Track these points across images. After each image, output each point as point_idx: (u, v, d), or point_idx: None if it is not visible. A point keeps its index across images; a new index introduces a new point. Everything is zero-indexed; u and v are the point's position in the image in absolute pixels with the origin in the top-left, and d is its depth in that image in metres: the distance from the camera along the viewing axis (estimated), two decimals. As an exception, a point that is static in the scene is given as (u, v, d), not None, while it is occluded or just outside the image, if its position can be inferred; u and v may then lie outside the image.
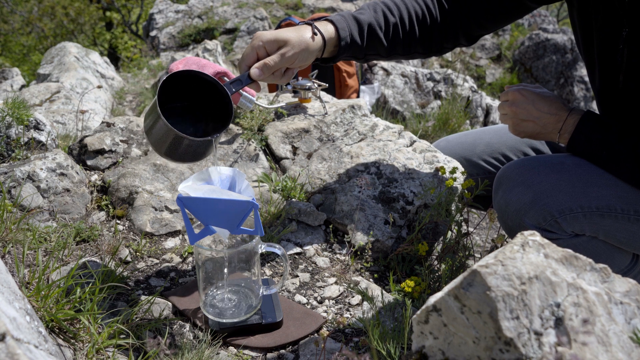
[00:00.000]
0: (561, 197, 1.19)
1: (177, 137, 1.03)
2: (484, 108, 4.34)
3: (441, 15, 1.35)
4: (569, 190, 1.19)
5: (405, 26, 1.33)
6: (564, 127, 1.27)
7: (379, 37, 1.30)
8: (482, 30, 1.39)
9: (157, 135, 1.06)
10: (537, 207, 1.19)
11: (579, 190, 1.19)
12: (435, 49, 1.39)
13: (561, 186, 1.20)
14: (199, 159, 1.12)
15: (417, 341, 0.76)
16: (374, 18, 1.30)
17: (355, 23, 1.28)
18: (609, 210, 1.20)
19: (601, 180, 1.21)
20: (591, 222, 1.21)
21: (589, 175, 1.22)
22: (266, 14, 5.48)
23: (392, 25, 1.31)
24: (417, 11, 1.34)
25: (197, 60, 1.75)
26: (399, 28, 1.32)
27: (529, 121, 1.30)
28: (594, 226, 1.21)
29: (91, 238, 1.32)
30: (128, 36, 13.45)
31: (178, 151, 1.07)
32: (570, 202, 1.18)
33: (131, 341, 0.97)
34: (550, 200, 1.19)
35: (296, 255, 1.35)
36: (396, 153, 1.59)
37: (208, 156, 1.12)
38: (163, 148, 1.07)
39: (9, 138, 1.59)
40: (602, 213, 1.20)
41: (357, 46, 1.28)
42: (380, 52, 1.33)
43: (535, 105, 1.29)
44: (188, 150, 1.07)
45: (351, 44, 1.26)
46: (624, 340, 0.66)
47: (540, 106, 1.29)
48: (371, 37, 1.29)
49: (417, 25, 1.34)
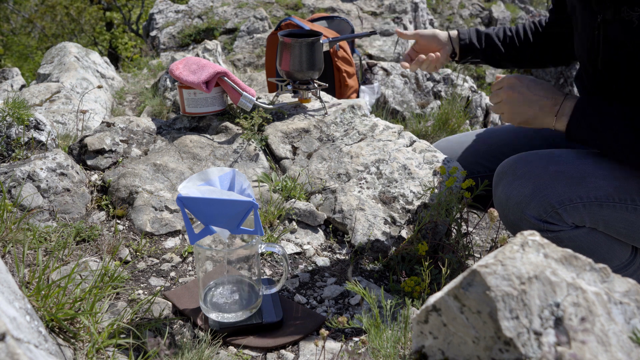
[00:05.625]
0: (561, 188, 1.21)
1: None
2: (484, 108, 4.34)
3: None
4: (568, 181, 1.22)
5: (520, 36, 1.62)
6: (560, 110, 1.25)
7: (496, 44, 1.62)
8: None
9: None
10: (537, 198, 1.20)
11: (578, 181, 1.21)
12: (550, 59, 1.64)
13: (560, 177, 1.22)
14: None
15: (417, 341, 0.76)
16: (492, 30, 1.66)
17: (475, 32, 1.64)
18: (607, 200, 1.22)
19: (598, 171, 1.23)
20: (591, 212, 1.22)
21: (586, 167, 1.24)
22: (266, 14, 5.48)
23: (509, 36, 1.62)
24: (532, 26, 1.64)
25: (197, 60, 1.75)
26: (514, 38, 1.62)
27: (525, 105, 1.29)
28: (593, 216, 1.23)
29: (91, 238, 1.32)
30: (128, 36, 13.45)
31: None
32: (570, 193, 1.20)
33: (131, 341, 0.97)
34: (550, 191, 1.20)
35: (296, 255, 1.35)
36: (396, 153, 1.59)
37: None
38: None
39: (9, 138, 1.59)
40: (600, 203, 1.22)
41: (476, 48, 1.61)
42: (501, 57, 1.64)
43: (531, 90, 1.28)
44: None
45: (470, 45, 1.61)
46: (624, 340, 0.66)
47: (536, 90, 1.28)
48: (488, 43, 1.62)
49: (531, 34, 1.62)
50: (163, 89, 3.97)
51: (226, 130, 1.69)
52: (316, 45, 1.70)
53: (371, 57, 4.96)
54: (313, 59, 1.70)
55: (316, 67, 1.72)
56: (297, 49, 1.68)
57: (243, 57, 4.97)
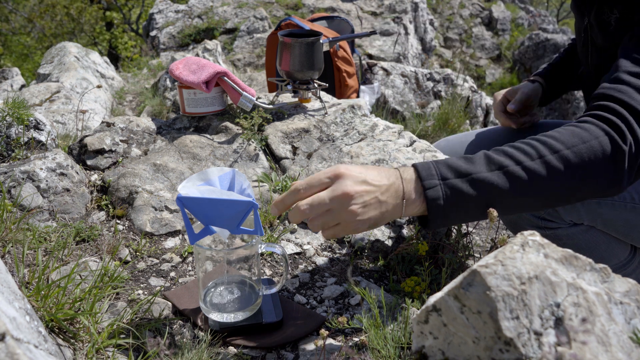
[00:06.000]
0: None
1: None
2: (484, 108, 4.35)
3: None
4: None
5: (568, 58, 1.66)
6: (405, 185, 0.96)
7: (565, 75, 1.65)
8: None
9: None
10: None
11: None
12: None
13: None
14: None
15: (417, 341, 0.76)
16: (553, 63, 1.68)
17: (549, 64, 1.68)
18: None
19: None
20: (589, 210, 1.22)
21: None
22: (266, 14, 5.48)
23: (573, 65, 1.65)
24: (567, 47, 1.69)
25: (197, 60, 1.75)
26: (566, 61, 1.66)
27: (367, 203, 0.94)
28: (591, 214, 1.23)
29: (91, 238, 1.32)
30: (128, 36, 13.46)
31: None
32: None
33: (131, 341, 0.97)
34: None
35: (296, 255, 1.35)
36: (396, 153, 1.59)
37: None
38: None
39: (9, 138, 1.59)
40: (598, 201, 1.22)
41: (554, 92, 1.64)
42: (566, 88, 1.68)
43: (367, 179, 0.95)
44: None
45: (549, 95, 1.63)
46: (624, 340, 0.66)
47: (371, 177, 0.95)
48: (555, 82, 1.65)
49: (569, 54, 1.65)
50: (163, 88, 3.97)
51: (226, 130, 1.69)
52: (316, 45, 1.70)
53: (371, 57, 4.96)
54: (313, 59, 1.70)
55: (316, 67, 1.72)
56: (297, 49, 1.68)
57: (243, 57, 4.97)
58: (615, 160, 0.97)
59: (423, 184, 0.95)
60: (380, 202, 0.94)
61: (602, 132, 0.98)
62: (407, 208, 0.96)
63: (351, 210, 0.92)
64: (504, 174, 0.96)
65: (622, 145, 0.97)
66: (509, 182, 0.96)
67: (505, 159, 0.98)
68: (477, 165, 0.97)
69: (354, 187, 0.92)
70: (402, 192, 0.95)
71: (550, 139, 1.00)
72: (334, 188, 0.92)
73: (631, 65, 1.05)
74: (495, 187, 0.95)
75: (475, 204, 0.96)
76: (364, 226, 0.95)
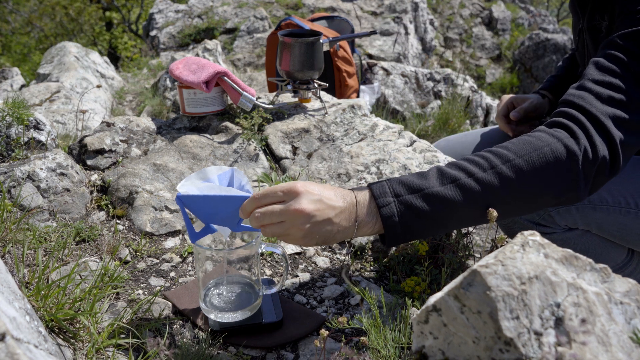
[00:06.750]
0: None
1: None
2: (484, 108, 4.34)
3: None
4: None
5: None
6: (358, 208, 0.97)
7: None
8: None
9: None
10: None
11: None
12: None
13: None
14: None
15: (417, 341, 0.76)
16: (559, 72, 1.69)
17: (552, 76, 1.68)
18: (600, 202, 1.21)
19: None
20: (583, 215, 1.22)
21: None
22: (266, 14, 5.48)
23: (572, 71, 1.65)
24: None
25: (197, 60, 1.75)
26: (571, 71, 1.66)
27: (319, 222, 0.95)
28: (586, 219, 1.22)
29: (91, 238, 1.32)
30: (128, 36, 13.46)
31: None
32: None
33: (131, 341, 0.97)
34: None
35: (296, 255, 1.35)
36: (396, 153, 1.59)
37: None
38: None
39: (9, 138, 1.59)
40: (593, 206, 1.21)
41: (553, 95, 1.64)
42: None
43: (322, 198, 0.96)
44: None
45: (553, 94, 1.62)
46: (624, 340, 0.66)
47: (327, 196, 0.96)
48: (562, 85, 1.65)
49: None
50: (163, 88, 3.97)
51: (226, 130, 1.69)
52: (316, 45, 1.70)
53: (371, 57, 4.96)
54: (313, 58, 1.70)
55: (316, 67, 1.72)
56: (297, 48, 1.68)
57: (243, 57, 4.97)
58: (569, 167, 0.98)
59: (377, 202, 0.97)
60: (333, 223, 0.95)
61: (554, 139, 0.99)
62: (359, 230, 0.98)
63: (301, 228, 0.94)
64: (456, 186, 0.97)
65: (576, 150, 0.98)
66: (462, 195, 0.96)
67: (457, 172, 0.98)
68: (430, 180, 0.98)
69: (308, 205, 0.93)
70: (355, 215, 0.97)
71: (503, 149, 1.01)
72: (289, 204, 0.94)
73: (597, 73, 1.06)
74: (448, 201, 0.96)
75: (430, 219, 0.97)
76: (312, 242, 0.97)
